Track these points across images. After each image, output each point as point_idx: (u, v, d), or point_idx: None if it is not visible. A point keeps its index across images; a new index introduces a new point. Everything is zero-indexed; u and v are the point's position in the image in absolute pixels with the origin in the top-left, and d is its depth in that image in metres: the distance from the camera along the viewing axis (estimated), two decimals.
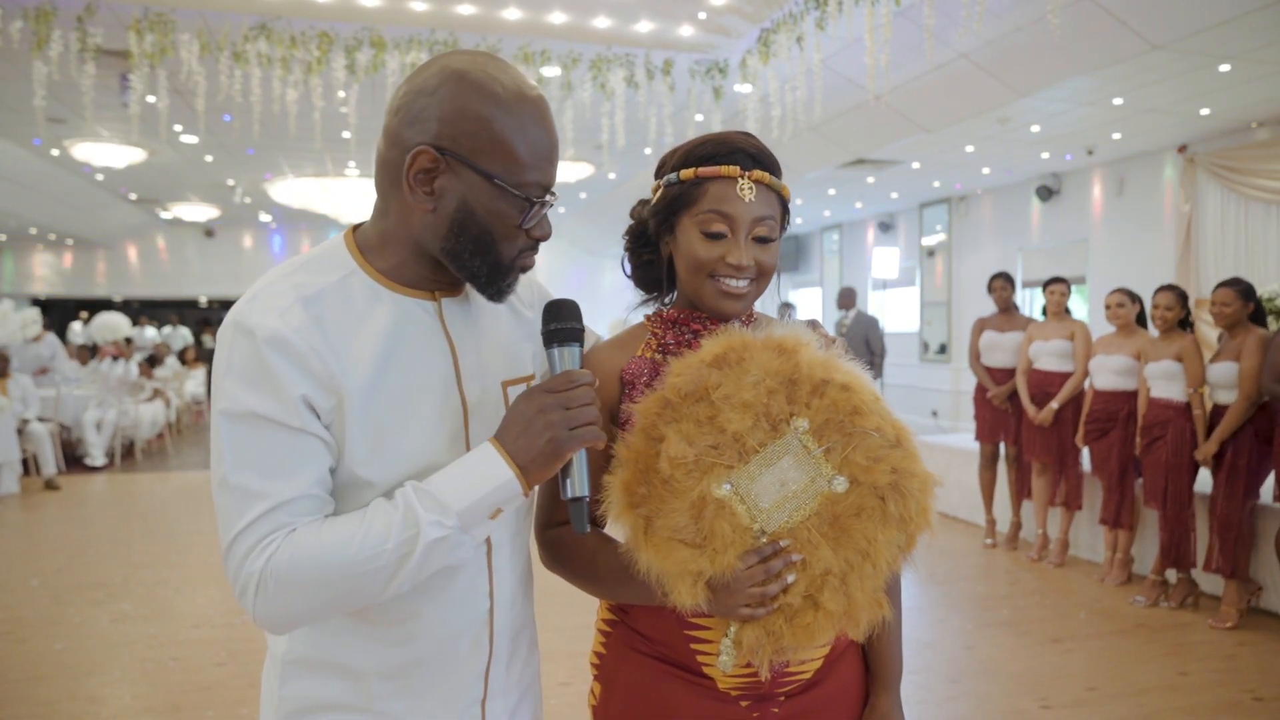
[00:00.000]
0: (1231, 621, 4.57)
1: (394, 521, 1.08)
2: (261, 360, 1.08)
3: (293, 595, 1.07)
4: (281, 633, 1.12)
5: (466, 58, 1.16)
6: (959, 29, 5.64)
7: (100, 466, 9.72)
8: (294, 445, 1.09)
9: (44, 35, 6.27)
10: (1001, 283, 6.31)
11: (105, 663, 4.08)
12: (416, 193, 1.13)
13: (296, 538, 1.07)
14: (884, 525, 1.21)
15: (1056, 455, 5.74)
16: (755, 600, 1.19)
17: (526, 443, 1.11)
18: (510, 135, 1.12)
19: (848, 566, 1.21)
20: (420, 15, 6.78)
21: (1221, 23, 5.29)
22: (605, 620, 1.45)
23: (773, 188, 1.34)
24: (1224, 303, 4.72)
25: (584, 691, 1.47)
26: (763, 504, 1.22)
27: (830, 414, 1.22)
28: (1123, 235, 9.26)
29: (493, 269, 1.17)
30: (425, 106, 1.13)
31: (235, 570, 1.08)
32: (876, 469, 1.21)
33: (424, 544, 1.07)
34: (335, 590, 1.08)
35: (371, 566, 1.07)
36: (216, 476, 1.10)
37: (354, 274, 1.17)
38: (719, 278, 1.31)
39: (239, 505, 1.08)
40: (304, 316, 1.11)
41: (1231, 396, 4.66)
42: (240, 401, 1.09)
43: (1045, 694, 3.77)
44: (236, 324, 1.11)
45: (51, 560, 5.90)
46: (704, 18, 6.87)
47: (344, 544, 1.07)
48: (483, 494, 1.10)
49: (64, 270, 17.79)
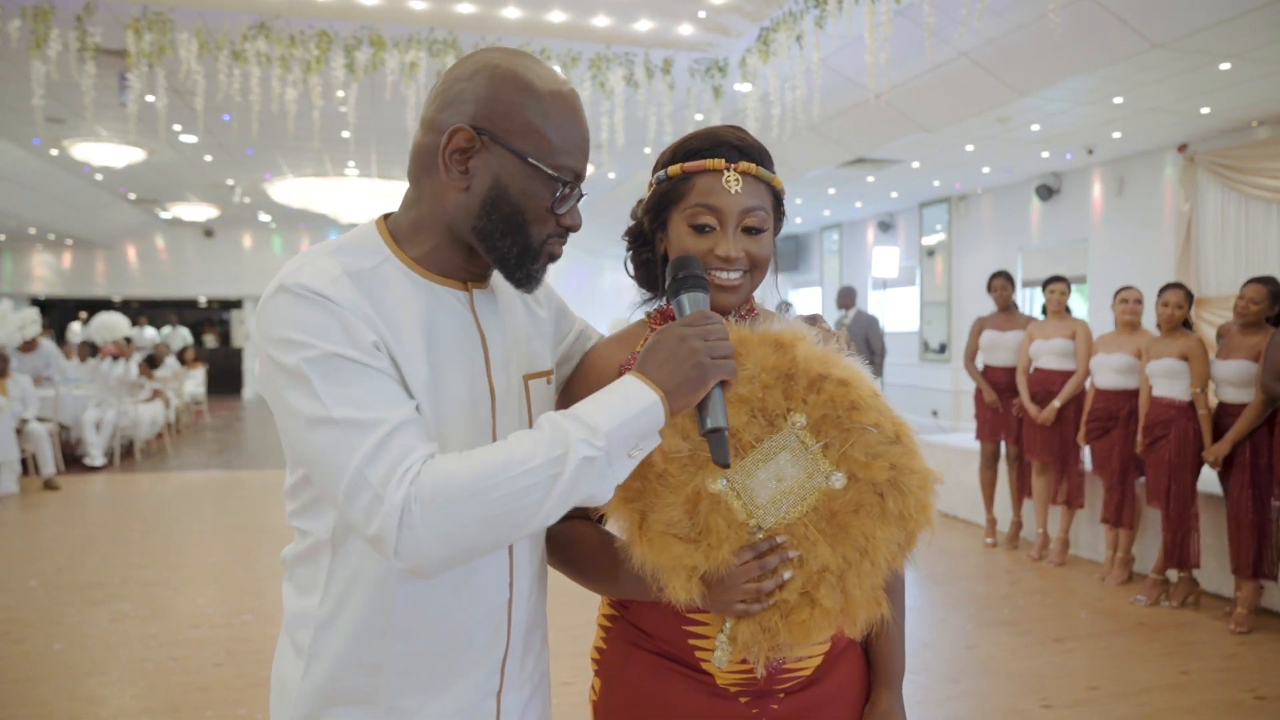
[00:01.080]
0: (1248, 625, 4.52)
1: (541, 441, 1.05)
2: (329, 312, 1.07)
3: (445, 521, 1.01)
4: (431, 571, 1.04)
5: (503, 53, 1.20)
6: (959, 27, 5.63)
7: (99, 466, 9.70)
8: (385, 381, 1.08)
9: (42, 34, 6.26)
10: (1001, 282, 6.30)
11: (104, 663, 4.07)
12: (452, 171, 1.16)
13: (437, 462, 1.03)
14: (883, 522, 1.20)
15: (1057, 454, 5.73)
16: (750, 596, 1.19)
17: (672, 368, 1.11)
18: (543, 120, 1.16)
19: (845, 564, 1.20)
20: (419, 14, 6.77)
21: (1222, 21, 5.28)
22: (606, 616, 1.45)
23: (761, 179, 1.33)
24: (1253, 299, 4.66)
25: (585, 690, 1.46)
26: (759, 500, 1.21)
27: (828, 409, 1.21)
28: (1123, 235, 9.26)
29: (523, 251, 1.18)
30: (461, 91, 1.17)
31: (369, 507, 1.01)
32: (875, 465, 1.20)
33: (575, 461, 1.04)
34: (489, 513, 1.02)
35: (525, 483, 1.03)
36: (308, 418, 1.05)
37: (388, 260, 1.19)
38: (709, 270, 1.30)
39: (352, 438, 1.03)
40: (353, 289, 1.11)
41: (1240, 395, 4.64)
42: (319, 347, 1.06)
43: (1046, 693, 3.77)
44: (293, 287, 1.08)
45: (50, 560, 5.89)
46: (704, 16, 6.86)
47: (491, 463, 1.03)
48: (629, 415, 1.08)
49: (63, 270, 17.78)
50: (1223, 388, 4.76)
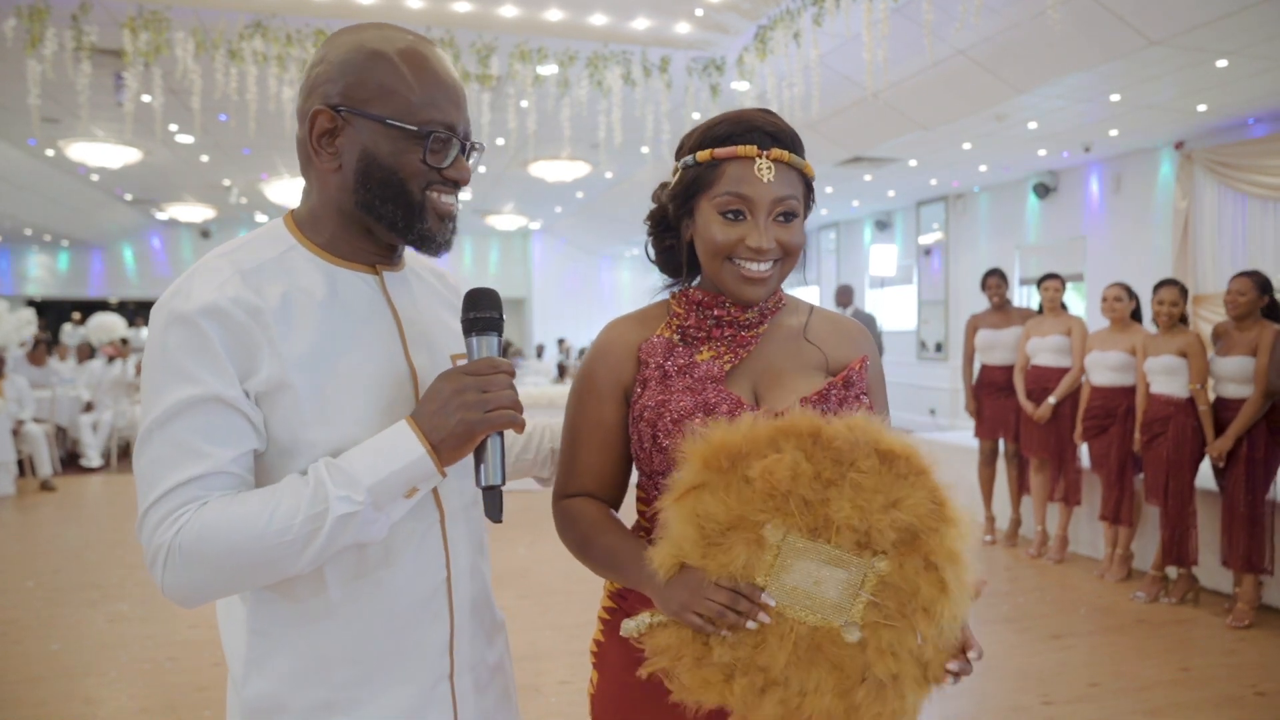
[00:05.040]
0: (1248, 620, 4.52)
1: (303, 497, 1.08)
2: (198, 334, 1.09)
3: (199, 568, 1.07)
4: (188, 606, 1.12)
5: (350, 29, 1.21)
6: (956, 25, 5.63)
7: (96, 467, 9.68)
8: (220, 421, 1.10)
9: (37, 33, 6.23)
10: (995, 280, 6.29)
11: (102, 664, 4.05)
12: (323, 154, 1.18)
13: (205, 511, 1.07)
14: (846, 693, 1.15)
15: (1055, 451, 5.73)
16: (710, 614, 1.14)
17: (440, 421, 1.11)
18: (396, 79, 1.16)
19: (791, 683, 1.15)
20: (416, 13, 6.76)
21: (1220, 17, 5.28)
22: (605, 609, 1.44)
23: (794, 166, 1.30)
24: (1240, 291, 4.68)
25: (583, 689, 1.45)
26: (786, 578, 1.16)
27: (901, 581, 1.14)
28: (1120, 232, 9.26)
29: (406, 211, 1.19)
30: (317, 76, 1.19)
31: (146, 540, 1.09)
32: (888, 659, 1.14)
33: (332, 519, 1.07)
34: (242, 564, 1.08)
35: (279, 541, 1.07)
36: (138, 442, 1.12)
37: (294, 249, 1.21)
38: (738, 261, 1.28)
39: (156, 476, 1.09)
40: (242, 287, 1.13)
41: (1241, 390, 4.64)
42: (170, 389, 1.09)
43: (1047, 690, 3.76)
44: (169, 312, 1.12)
45: (47, 561, 5.87)
46: (701, 15, 6.85)
47: (252, 519, 1.07)
48: (394, 470, 1.10)
49: (59, 271, 17.74)
50: (1222, 383, 4.77)
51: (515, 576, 5.36)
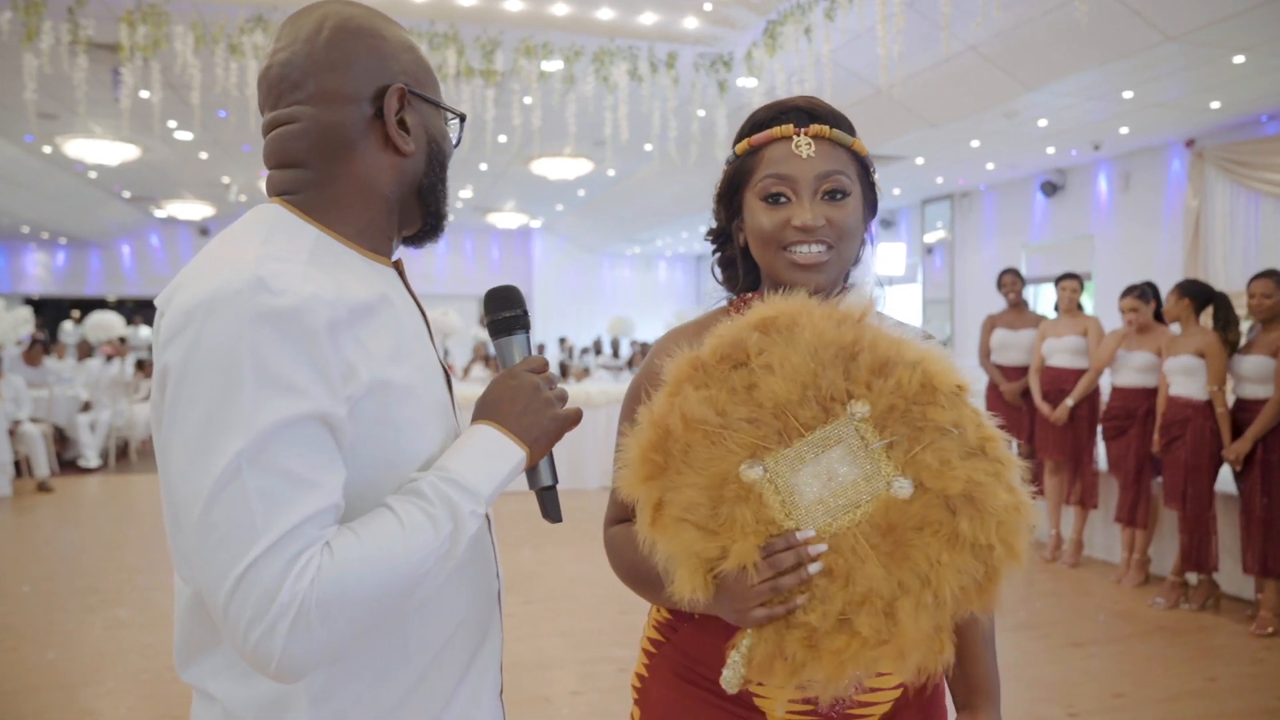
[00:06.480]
0: (1272, 627, 4.43)
1: (436, 519, 0.96)
2: (306, 336, 0.91)
3: (340, 623, 0.88)
4: (304, 675, 0.89)
5: (351, 6, 1.09)
6: (969, 21, 5.54)
7: (94, 468, 9.58)
8: (325, 442, 0.92)
9: (34, 27, 6.13)
10: (1011, 278, 6.20)
11: (100, 672, 3.95)
12: (402, 136, 1.07)
13: (338, 553, 0.89)
14: (953, 547, 0.98)
15: (1070, 453, 5.64)
16: (769, 595, 0.98)
17: (531, 420, 1.06)
18: (425, 62, 1.13)
19: (900, 590, 0.98)
20: (420, 7, 6.66)
21: (1238, 13, 5.21)
22: (650, 640, 1.32)
23: (838, 142, 1.20)
24: (1264, 294, 4.59)
25: (595, 701, 1.35)
26: (802, 499, 1.01)
27: (896, 400, 1.01)
28: (1129, 231, 9.19)
29: (445, 196, 1.16)
30: (353, 52, 1.05)
31: (257, 603, 0.85)
32: (948, 475, 0.98)
33: (466, 536, 0.99)
34: (385, 608, 0.92)
35: (419, 572, 0.94)
36: (210, 479, 0.87)
37: (322, 239, 1.03)
38: (789, 248, 1.18)
39: (263, 518, 0.87)
40: (326, 280, 0.96)
41: (1261, 390, 4.55)
42: (265, 405, 0.88)
43: (1071, 700, 3.67)
44: (256, 309, 0.90)
45: (44, 565, 5.78)
46: (709, 9, 6.76)
47: (388, 554, 0.92)
48: (504, 476, 1.03)
49: (57, 269, 17.64)
50: (1242, 384, 4.68)
51: (521, 582, 5.26)
